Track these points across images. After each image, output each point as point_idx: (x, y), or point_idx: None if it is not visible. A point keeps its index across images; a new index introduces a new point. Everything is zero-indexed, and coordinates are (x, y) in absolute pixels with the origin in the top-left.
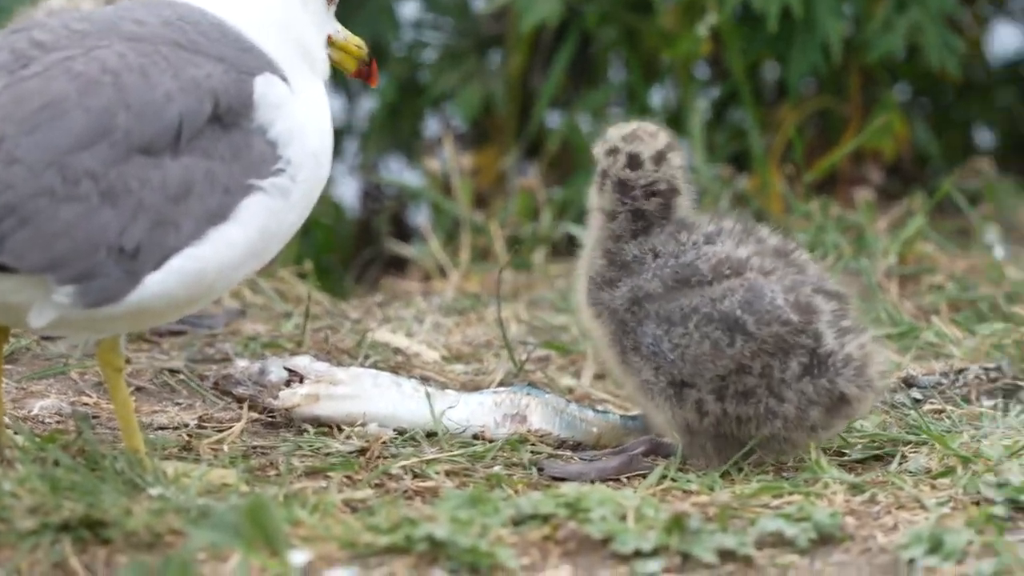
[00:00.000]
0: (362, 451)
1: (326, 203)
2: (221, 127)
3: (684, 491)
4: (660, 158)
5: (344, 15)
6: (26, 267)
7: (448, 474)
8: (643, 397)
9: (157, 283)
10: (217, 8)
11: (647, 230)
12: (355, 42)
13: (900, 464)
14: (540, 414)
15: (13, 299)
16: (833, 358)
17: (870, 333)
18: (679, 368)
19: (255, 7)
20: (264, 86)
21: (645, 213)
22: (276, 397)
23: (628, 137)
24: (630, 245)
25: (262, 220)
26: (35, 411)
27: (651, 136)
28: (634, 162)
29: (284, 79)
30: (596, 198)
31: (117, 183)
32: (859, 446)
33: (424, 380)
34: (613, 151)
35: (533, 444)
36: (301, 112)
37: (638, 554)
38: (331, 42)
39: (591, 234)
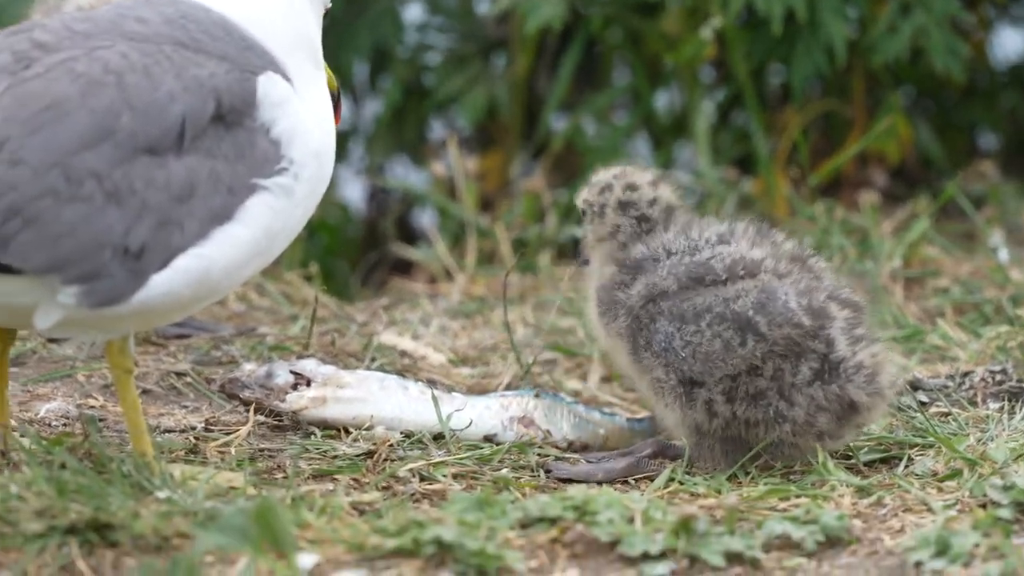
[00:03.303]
0: (369, 454)
1: (332, 205)
2: (224, 126)
3: (691, 494)
4: (656, 182)
5: (348, 18)
6: (31, 268)
7: (455, 477)
8: (654, 396)
9: (163, 283)
10: (221, 5)
11: (651, 232)
12: (328, 71)
13: (907, 467)
14: (547, 416)
15: (18, 301)
16: (844, 364)
17: (882, 342)
18: (689, 366)
19: (260, 3)
20: (267, 85)
21: (650, 217)
22: (283, 400)
23: (617, 175)
24: (638, 246)
25: (266, 219)
26: (41, 414)
27: (640, 171)
28: (631, 186)
29: (287, 78)
30: (591, 233)
31: (121, 183)
32: (865, 449)
33: (431, 383)
34: (607, 187)
35: (540, 447)
36: (304, 111)
37: (646, 556)
38: None
39: (593, 267)
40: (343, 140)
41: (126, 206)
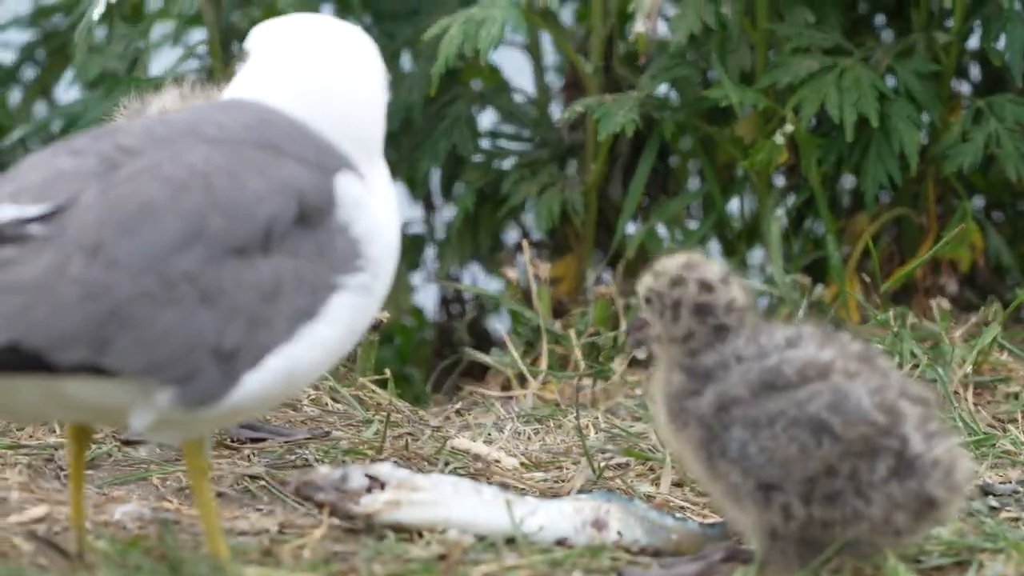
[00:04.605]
0: (442, 557)
1: (409, 309)
2: (306, 226)
3: None
4: (726, 279)
5: (425, 125)
6: (129, 370)
7: None
8: (729, 501)
9: (254, 382)
10: (293, 109)
11: (723, 339)
12: None
13: (977, 571)
14: (620, 520)
15: (113, 401)
16: (921, 461)
17: (955, 438)
18: (768, 471)
19: (331, 105)
20: (345, 185)
21: (726, 326)
22: (357, 503)
23: (686, 266)
24: (708, 355)
25: (349, 317)
26: (116, 516)
27: (706, 263)
28: (706, 286)
29: (360, 177)
30: (660, 327)
31: (212, 285)
32: (936, 553)
33: (504, 487)
34: (678, 281)
35: (612, 552)
36: (378, 209)
37: None
38: None
39: (660, 359)
40: (418, 246)
41: (218, 307)
